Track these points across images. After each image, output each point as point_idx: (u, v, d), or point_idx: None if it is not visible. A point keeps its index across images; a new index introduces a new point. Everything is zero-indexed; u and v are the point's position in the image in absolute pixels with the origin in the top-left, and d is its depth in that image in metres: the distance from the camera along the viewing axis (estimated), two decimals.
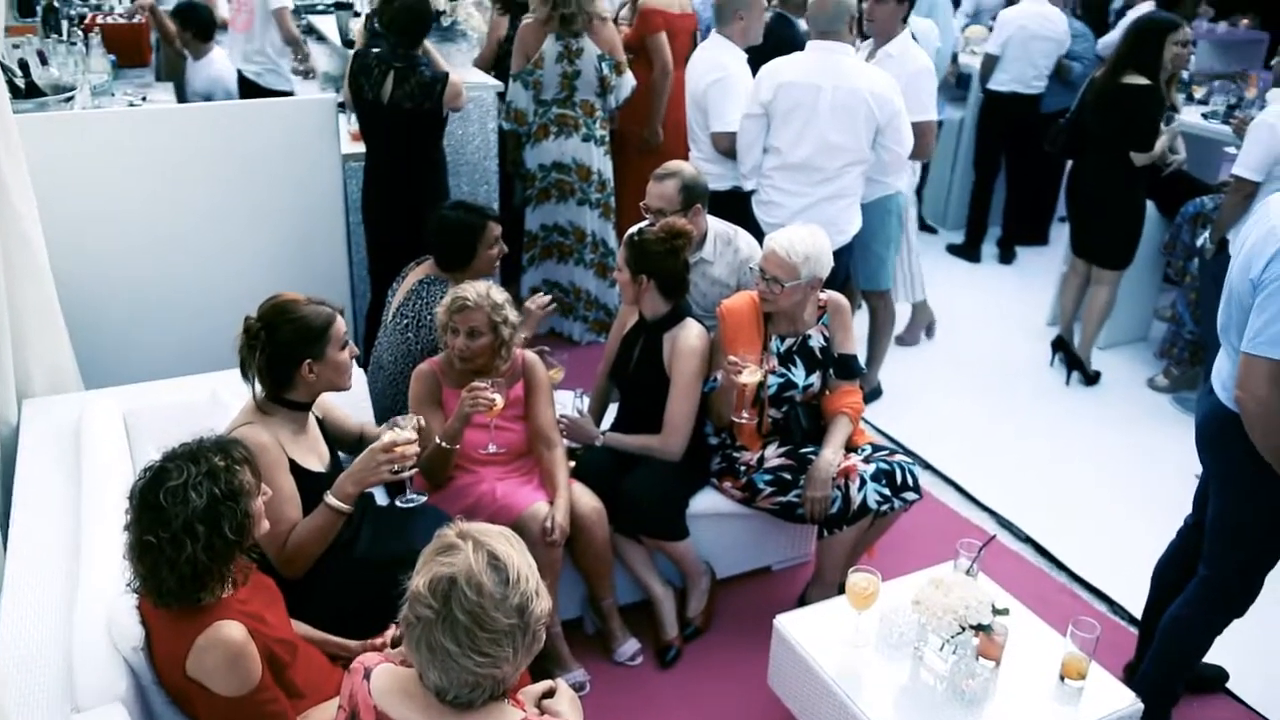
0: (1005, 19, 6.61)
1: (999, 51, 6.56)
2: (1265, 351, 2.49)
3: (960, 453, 4.71)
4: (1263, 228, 2.58)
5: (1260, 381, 2.51)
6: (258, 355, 2.65)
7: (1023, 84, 6.57)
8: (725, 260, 3.90)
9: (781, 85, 4.17)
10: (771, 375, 3.43)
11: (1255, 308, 2.53)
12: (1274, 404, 2.51)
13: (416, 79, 4.20)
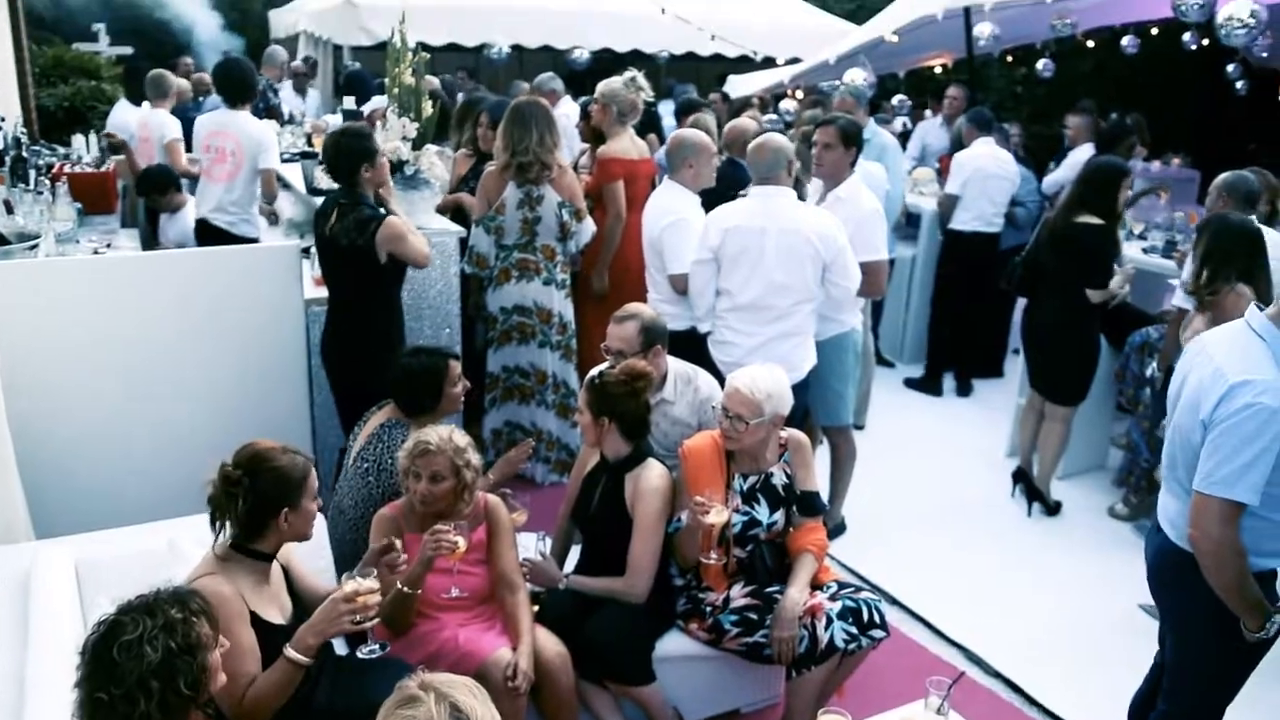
0: (962, 160, 6.90)
1: (959, 192, 6.83)
2: (1219, 491, 2.52)
3: (926, 587, 4.68)
4: (1207, 368, 2.64)
5: (1214, 521, 2.54)
6: (237, 504, 2.63)
7: (984, 222, 6.83)
8: (686, 400, 3.94)
9: (728, 230, 4.30)
10: (735, 514, 3.43)
11: (1207, 447, 2.57)
12: (1227, 543, 2.54)
13: (354, 215, 4.21)
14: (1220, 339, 2.72)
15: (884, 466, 5.75)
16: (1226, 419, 2.51)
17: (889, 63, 11.09)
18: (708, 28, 11.71)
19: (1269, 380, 2.49)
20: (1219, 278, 4.06)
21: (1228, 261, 4.06)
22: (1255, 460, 2.47)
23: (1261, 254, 4.09)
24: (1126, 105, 10.93)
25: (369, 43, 11.23)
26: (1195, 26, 8.72)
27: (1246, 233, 4.11)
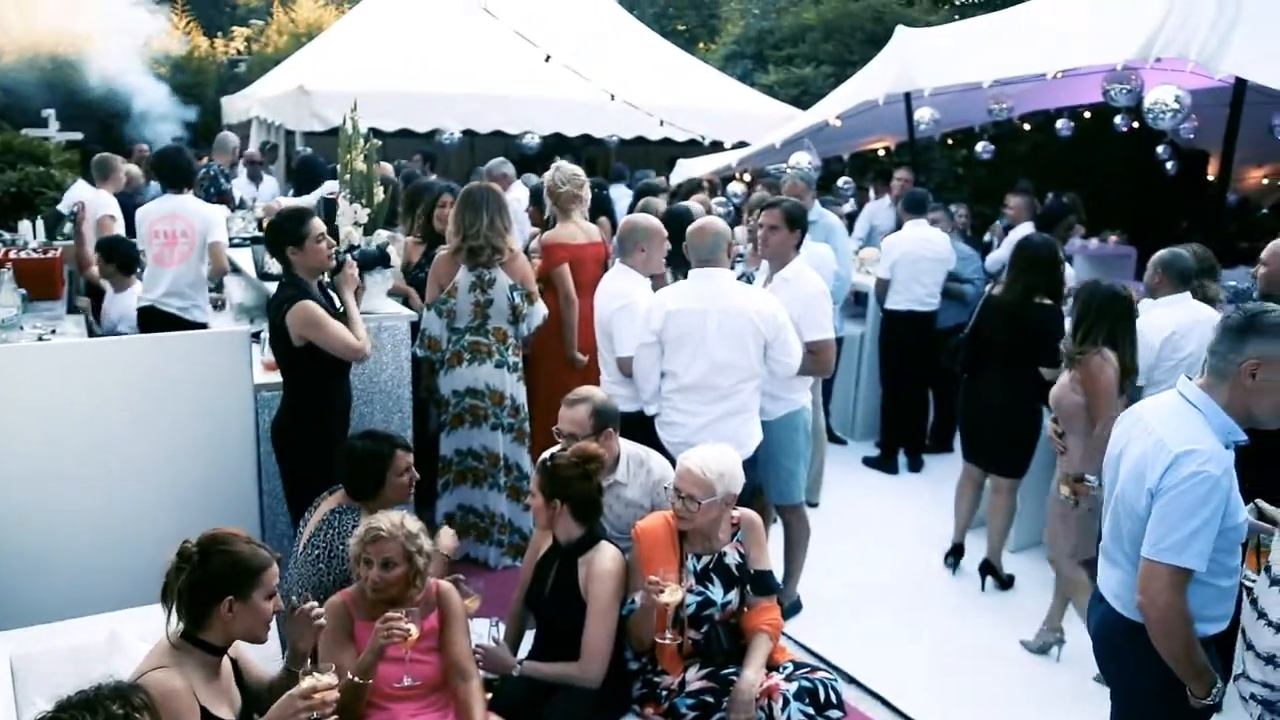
0: (889, 245, 7.11)
1: (888, 275, 7.02)
2: (1168, 559, 2.58)
3: (883, 664, 4.67)
4: (1148, 439, 2.72)
5: (1163, 588, 2.59)
6: (181, 582, 2.58)
7: (917, 302, 6.99)
8: (639, 482, 3.95)
9: (670, 313, 4.35)
10: (690, 594, 3.43)
11: (1154, 516, 2.64)
12: (1176, 609, 2.59)
13: (278, 295, 4.28)
14: (1156, 410, 2.81)
15: (838, 544, 5.76)
16: (1173, 488, 2.58)
17: (833, 146, 11.37)
18: (656, 113, 11.94)
19: (1210, 450, 2.58)
20: (1089, 340, 4.31)
21: (1097, 325, 4.33)
22: (1202, 527, 2.54)
23: (1127, 320, 4.39)
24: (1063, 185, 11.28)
25: (321, 128, 11.32)
26: (1125, 110, 9.04)
27: (1115, 299, 4.39)
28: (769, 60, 17.93)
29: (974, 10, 17.39)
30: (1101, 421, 4.24)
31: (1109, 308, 4.38)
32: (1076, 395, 4.37)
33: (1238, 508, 2.64)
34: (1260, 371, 2.58)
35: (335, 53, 13.70)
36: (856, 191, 11.03)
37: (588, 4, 15.04)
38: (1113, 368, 4.28)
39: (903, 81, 9.20)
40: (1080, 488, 4.35)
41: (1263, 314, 2.61)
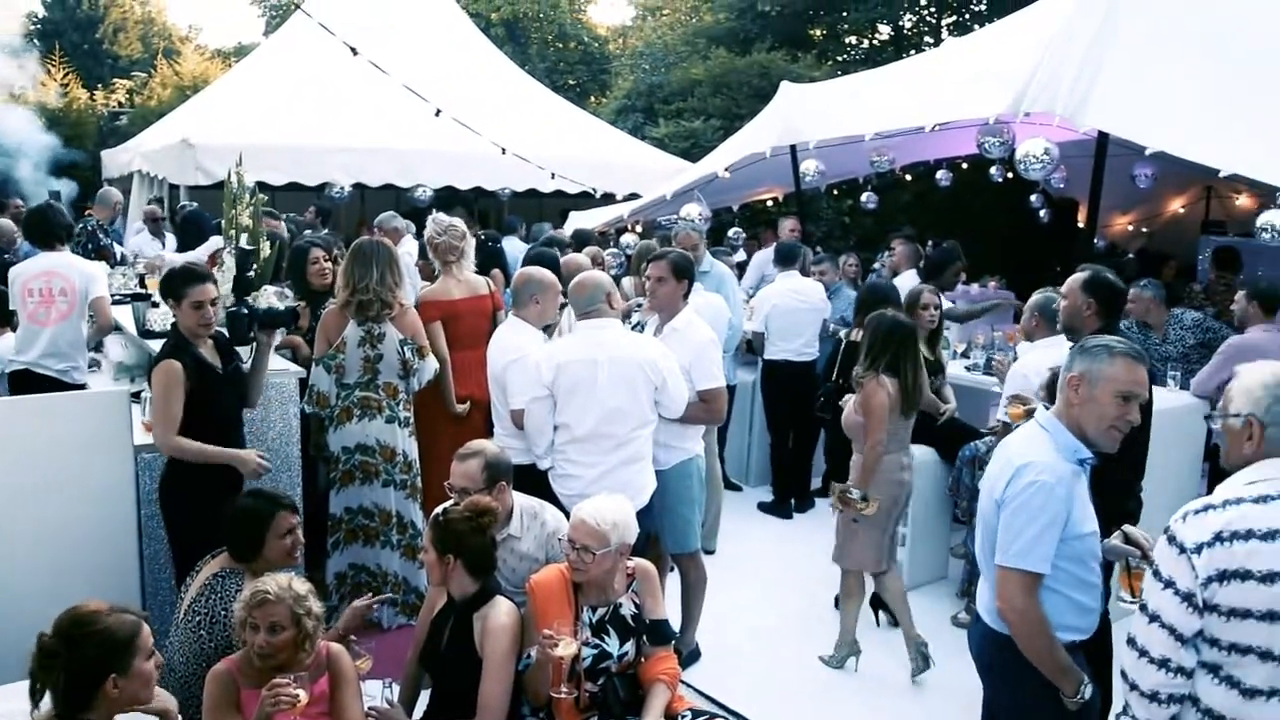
0: (761, 299, 7.35)
1: (762, 328, 7.22)
2: (1016, 564, 2.76)
3: (784, 707, 4.71)
4: (1001, 459, 2.93)
5: (1017, 592, 2.77)
6: (55, 675, 2.46)
7: (794, 352, 7.16)
8: (533, 535, 3.93)
9: (560, 365, 4.37)
10: (586, 647, 3.41)
11: (1001, 526, 2.83)
12: (1031, 612, 2.76)
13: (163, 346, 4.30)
14: (1017, 435, 3.01)
15: (736, 589, 5.80)
16: (1015, 497, 2.78)
17: (724, 197, 11.58)
18: (548, 166, 12.02)
19: (1047, 461, 2.78)
20: (873, 367, 4.78)
21: (882, 353, 4.79)
22: (1042, 532, 2.72)
23: (907, 349, 4.84)
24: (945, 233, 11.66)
25: (206, 182, 11.10)
26: (1000, 161, 9.42)
27: (897, 328, 4.88)
28: (659, 114, 18.24)
29: (856, 66, 18.01)
30: (872, 441, 4.70)
31: (892, 337, 4.83)
32: (857, 416, 4.80)
33: (1082, 520, 2.81)
34: (1081, 386, 2.79)
35: (221, 105, 13.49)
36: (747, 241, 11.24)
37: (478, 59, 15.14)
38: (887, 393, 4.69)
39: (788, 134, 9.45)
40: (846, 500, 4.76)
41: (1091, 338, 2.91)
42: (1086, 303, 4.21)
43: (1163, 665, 2.35)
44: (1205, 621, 2.32)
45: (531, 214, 13.21)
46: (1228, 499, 2.35)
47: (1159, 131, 6.81)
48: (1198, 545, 2.30)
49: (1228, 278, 8.91)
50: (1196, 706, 2.39)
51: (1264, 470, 2.37)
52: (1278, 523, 2.26)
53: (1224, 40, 7.41)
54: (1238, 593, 2.26)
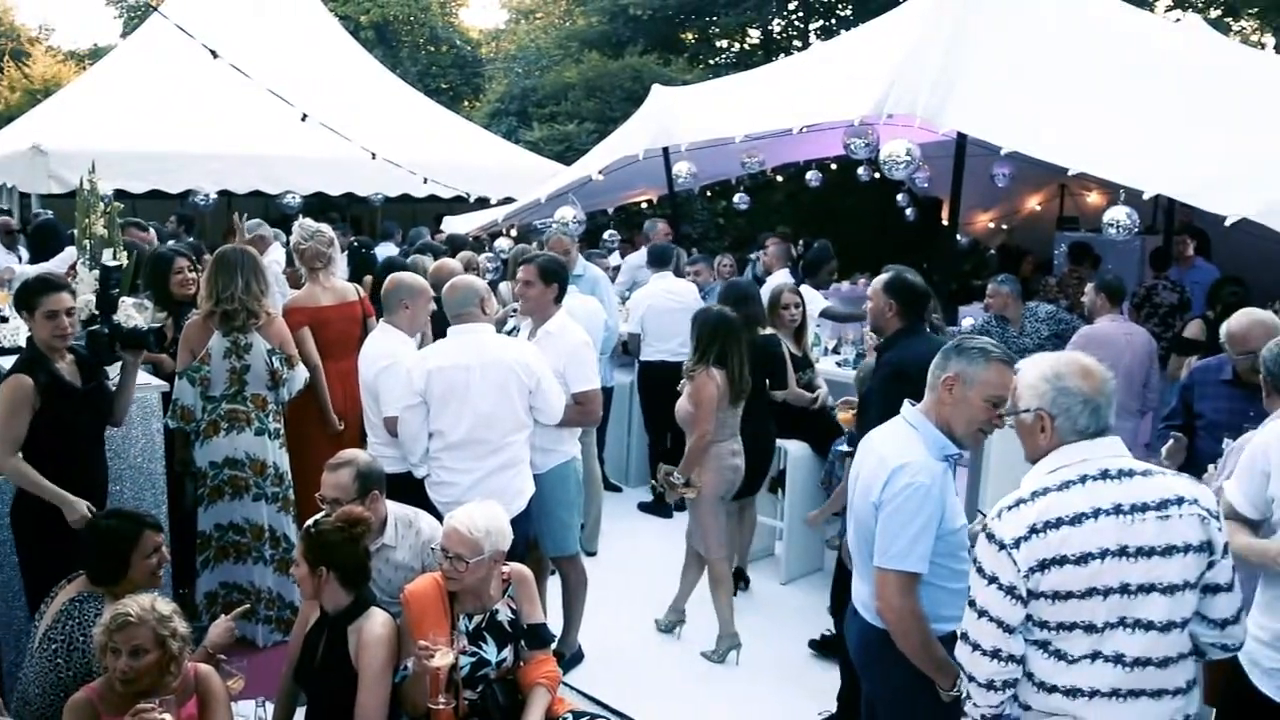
0: (635, 301, 7.43)
1: (638, 329, 7.29)
2: (895, 565, 2.82)
3: (666, 705, 4.75)
4: (872, 459, 2.98)
5: (894, 593, 2.83)
6: None
7: (669, 353, 7.22)
8: (408, 544, 3.89)
9: (432, 371, 4.34)
10: (463, 655, 3.39)
11: (879, 528, 2.88)
12: (909, 611, 2.83)
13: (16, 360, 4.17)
14: (882, 433, 3.07)
15: (619, 590, 5.83)
16: (892, 499, 2.83)
17: (598, 200, 11.62)
18: (419, 171, 11.89)
19: (921, 461, 2.84)
20: (704, 360, 4.99)
21: (711, 346, 5.00)
22: (920, 533, 2.79)
23: (734, 342, 5.05)
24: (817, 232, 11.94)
25: (60, 190, 10.66)
26: (866, 162, 9.67)
27: (723, 324, 5.07)
28: (533, 117, 18.21)
29: (727, 69, 18.29)
30: (699, 431, 4.91)
31: (719, 330, 5.04)
32: (689, 407, 4.99)
33: (954, 515, 2.90)
34: (955, 387, 2.87)
35: (75, 110, 12.92)
36: (621, 244, 11.30)
37: (347, 63, 14.87)
38: (715, 385, 4.91)
39: (660, 137, 9.55)
40: (671, 484, 4.99)
41: (968, 339, 2.96)
42: (888, 304, 4.27)
43: (994, 656, 2.47)
44: (1032, 607, 2.44)
45: (405, 219, 13.03)
46: (1035, 490, 2.47)
47: (1013, 132, 7.11)
48: (1015, 540, 2.41)
49: (1080, 271, 9.33)
50: (1030, 679, 2.51)
51: (1061, 457, 2.50)
52: (1081, 506, 2.40)
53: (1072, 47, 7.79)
54: (1058, 577, 2.39)
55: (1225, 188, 6.02)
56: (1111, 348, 6.14)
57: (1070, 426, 2.50)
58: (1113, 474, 2.44)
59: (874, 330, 4.52)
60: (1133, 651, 2.40)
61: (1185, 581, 2.40)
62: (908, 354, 4.10)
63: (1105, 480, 2.43)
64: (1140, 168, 6.47)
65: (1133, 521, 2.38)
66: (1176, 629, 2.42)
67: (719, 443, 5.01)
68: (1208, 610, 2.47)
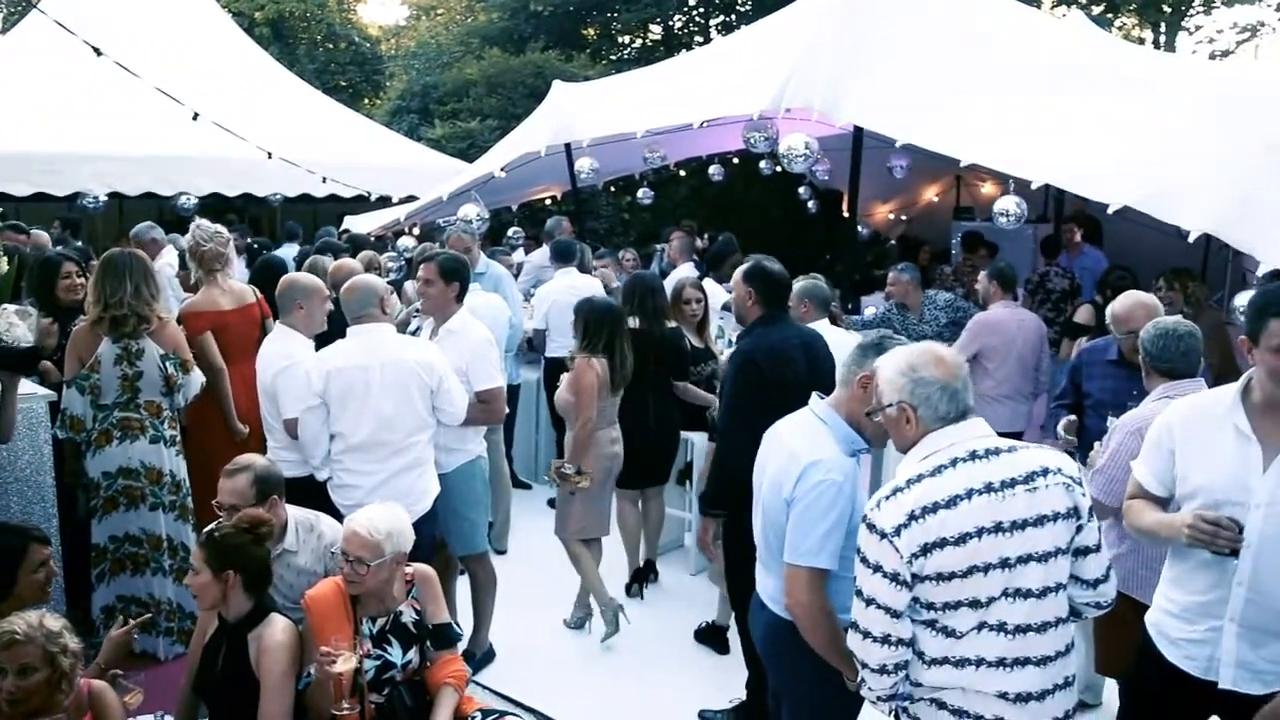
0: (540, 296, 7.42)
1: (544, 325, 7.27)
2: (805, 561, 2.84)
3: (578, 699, 4.76)
4: (782, 454, 3.00)
5: (803, 589, 2.86)
6: None
7: None
8: (310, 548, 3.83)
9: (331, 373, 4.28)
10: (367, 659, 3.36)
11: (791, 523, 2.90)
12: (818, 606, 2.85)
13: None
14: (790, 426, 3.09)
15: (530, 587, 5.80)
16: (804, 496, 2.85)
17: (502, 197, 11.56)
18: (318, 170, 11.68)
19: (833, 458, 2.88)
20: (588, 349, 5.13)
21: (596, 336, 5.15)
22: (832, 529, 2.81)
23: (619, 332, 5.23)
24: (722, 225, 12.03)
25: None
26: (767, 156, 9.79)
27: (609, 314, 5.26)
28: (435, 115, 18.02)
29: (629, 65, 18.31)
30: (582, 419, 5.03)
31: (606, 320, 5.20)
32: (569, 396, 5.11)
33: (862, 508, 2.88)
34: (871, 385, 2.86)
35: None
36: (526, 240, 11.27)
37: (240, 60, 14.54)
38: (595, 373, 5.02)
39: (562, 133, 9.54)
40: (563, 476, 5.07)
41: (890, 339, 2.99)
42: (748, 292, 4.32)
43: (884, 641, 2.53)
44: (917, 590, 2.51)
45: (306, 220, 12.82)
46: (910, 478, 2.54)
47: (907, 125, 7.26)
48: (896, 528, 2.48)
49: (974, 260, 9.58)
50: (921, 659, 2.59)
51: (930, 444, 2.58)
52: (955, 488, 2.48)
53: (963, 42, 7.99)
54: (940, 560, 2.46)
55: (1109, 177, 6.25)
56: (1005, 333, 6.35)
57: (933, 414, 2.58)
58: (980, 454, 2.53)
59: (737, 319, 4.58)
60: (1015, 619, 2.49)
61: (1057, 548, 2.50)
62: (760, 343, 4.20)
63: (974, 461, 2.51)
64: (1028, 158, 6.68)
65: (1004, 497, 2.46)
66: (1053, 594, 2.52)
67: (599, 430, 5.12)
68: (1080, 572, 2.58)
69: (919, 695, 2.62)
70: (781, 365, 4.10)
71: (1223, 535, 2.71)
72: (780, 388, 3.96)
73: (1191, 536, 2.75)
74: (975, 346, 6.36)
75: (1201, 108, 6.66)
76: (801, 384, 3.91)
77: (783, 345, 4.16)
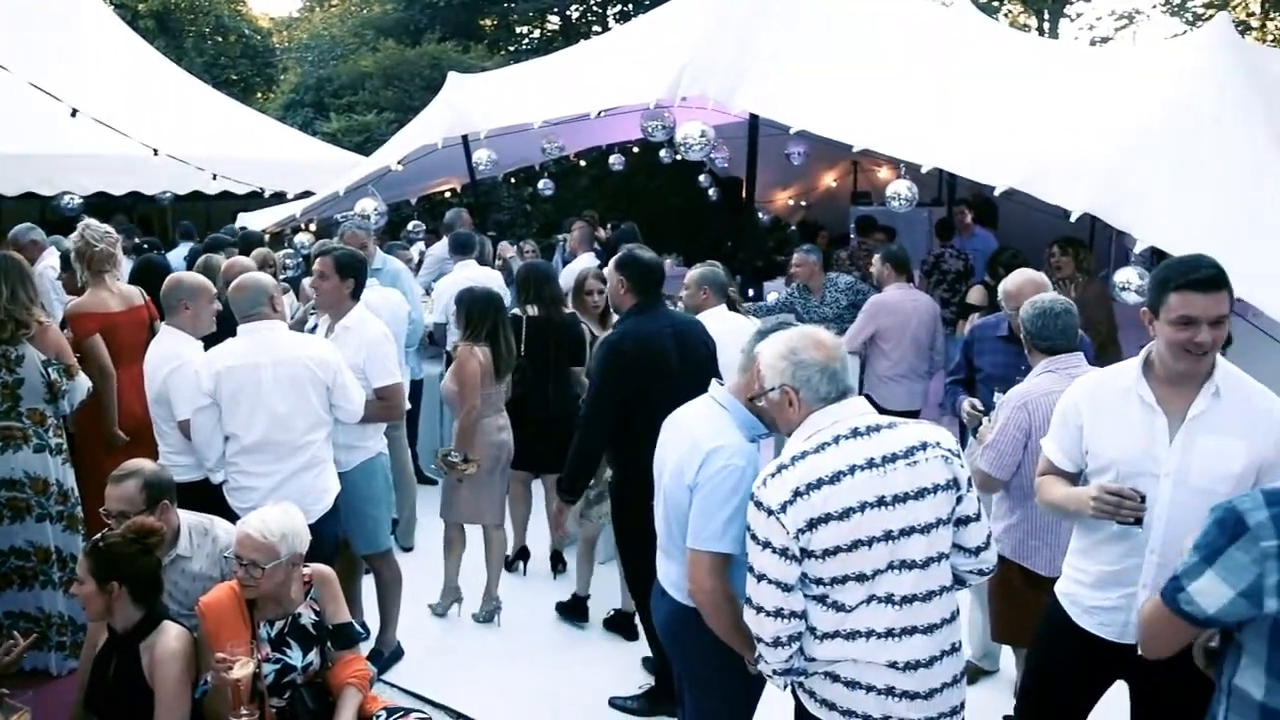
0: (440, 289, 7.42)
1: (444, 319, 7.24)
2: (708, 546, 2.86)
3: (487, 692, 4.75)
4: (684, 442, 3.02)
5: (707, 574, 2.87)
6: None
7: None
8: (204, 553, 3.75)
9: (221, 372, 4.18)
10: (266, 663, 3.30)
11: (694, 509, 2.92)
12: (721, 591, 2.87)
13: None
14: (690, 413, 3.12)
15: (437, 582, 5.74)
16: (707, 482, 2.88)
17: (401, 190, 11.42)
18: (209, 167, 11.38)
19: (736, 444, 2.91)
20: (470, 337, 5.14)
21: (479, 324, 5.15)
22: (734, 515, 2.83)
23: (501, 320, 5.25)
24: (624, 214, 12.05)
25: None
26: (665, 144, 9.83)
27: (490, 302, 5.26)
28: (330, 108, 17.71)
29: (528, 56, 18.20)
30: (466, 407, 5.06)
31: (486, 309, 5.20)
32: (453, 385, 5.15)
33: None
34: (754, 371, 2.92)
35: None
36: (426, 234, 11.15)
37: (124, 54, 14.06)
38: (478, 361, 5.06)
39: (459, 125, 9.47)
40: (450, 464, 5.09)
41: (789, 325, 3.01)
42: (620, 281, 4.38)
43: (777, 615, 2.59)
44: (806, 565, 2.58)
45: (199, 218, 12.47)
46: (794, 455, 2.61)
47: (801, 112, 7.36)
48: (782, 504, 2.54)
49: (869, 243, 9.76)
50: (813, 633, 2.65)
51: (814, 424, 2.66)
52: (838, 465, 2.55)
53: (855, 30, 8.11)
54: (825, 535, 2.53)
55: (995, 161, 6.42)
56: (899, 314, 6.49)
57: (814, 395, 2.65)
58: (862, 431, 2.60)
59: (613, 309, 4.65)
60: (902, 590, 2.57)
61: (939, 519, 2.59)
62: (629, 330, 4.28)
63: (856, 438, 2.59)
64: (918, 143, 6.82)
65: (885, 472, 2.54)
66: (936, 563, 2.61)
67: (485, 418, 5.15)
68: (962, 540, 2.68)
69: (813, 670, 2.68)
70: (651, 354, 4.19)
71: (1126, 506, 2.80)
72: (650, 376, 4.07)
73: (1097, 509, 2.84)
74: (871, 328, 6.49)
75: (1082, 92, 6.88)
76: (672, 373, 4.00)
77: (653, 334, 4.23)
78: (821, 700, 2.68)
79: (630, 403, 4.15)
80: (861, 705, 2.62)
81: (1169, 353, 2.82)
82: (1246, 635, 2.25)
